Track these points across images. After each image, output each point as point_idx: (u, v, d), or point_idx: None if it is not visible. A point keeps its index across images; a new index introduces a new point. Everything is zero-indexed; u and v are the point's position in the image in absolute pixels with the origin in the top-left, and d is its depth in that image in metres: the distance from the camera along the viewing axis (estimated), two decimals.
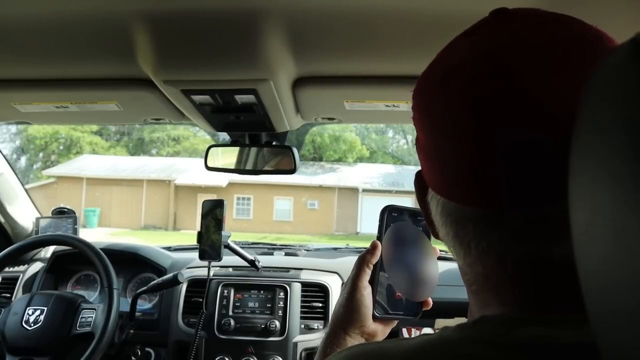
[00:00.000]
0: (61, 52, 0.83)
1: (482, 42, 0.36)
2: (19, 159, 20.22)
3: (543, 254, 0.33)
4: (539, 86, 0.32)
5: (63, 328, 1.31)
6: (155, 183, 17.37)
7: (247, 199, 17.44)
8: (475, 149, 0.34)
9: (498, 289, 0.36)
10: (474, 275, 0.38)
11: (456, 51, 0.38)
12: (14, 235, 1.73)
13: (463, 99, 0.34)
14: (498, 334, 0.33)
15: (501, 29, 0.36)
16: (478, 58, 0.35)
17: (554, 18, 0.36)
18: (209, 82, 0.88)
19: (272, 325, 1.39)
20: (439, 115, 0.37)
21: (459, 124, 0.35)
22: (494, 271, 0.36)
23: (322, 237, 15.33)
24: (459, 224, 0.37)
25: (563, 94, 0.31)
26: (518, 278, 0.35)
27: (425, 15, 0.67)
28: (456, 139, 0.35)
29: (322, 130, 20.43)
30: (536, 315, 0.34)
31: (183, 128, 20.77)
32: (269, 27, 0.71)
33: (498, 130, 0.33)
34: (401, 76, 0.89)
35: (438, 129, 0.37)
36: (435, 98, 0.37)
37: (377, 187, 17.58)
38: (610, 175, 0.23)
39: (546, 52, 0.33)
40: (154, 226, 16.98)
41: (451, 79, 0.36)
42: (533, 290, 0.35)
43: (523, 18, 0.36)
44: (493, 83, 0.33)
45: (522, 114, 0.32)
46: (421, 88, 0.40)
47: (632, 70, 0.22)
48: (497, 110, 0.33)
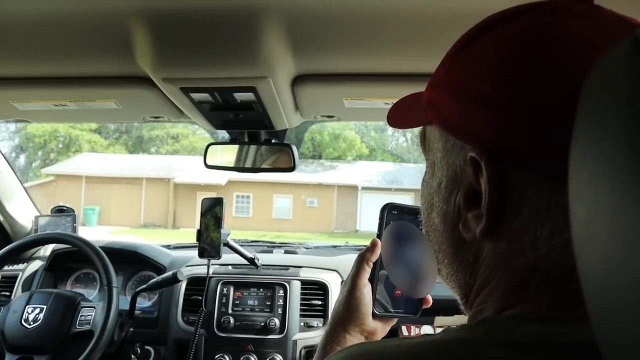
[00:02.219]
0: (60, 50, 0.83)
1: (531, 23, 0.35)
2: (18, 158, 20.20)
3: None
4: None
5: (62, 326, 1.31)
6: (155, 181, 17.37)
7: (247, 196, 17.44)
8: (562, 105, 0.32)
9: (517, 282, 0.35)
10: (498, 261, 0.37)
11: (505, 30, 0.36)
12: (13, 234, 1.73)
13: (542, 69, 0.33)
14: (503, 333, 0.33)
15: (540, 20, 0.35)
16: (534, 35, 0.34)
17: (593, 10, 0.35)
18: (207, 80, 0.87)
19: (272, 323, 1.39)
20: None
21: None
22: (524, 261, 0.35)
23: (322, 234, 15.34)
24: (519, 195, 0.35)
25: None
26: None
27: (424, 13, 0.67)
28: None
29: (321, 128, 20.44)
30: (542, 313, 0.33)
31: (182, 126, 20.77)
32: (268, 25, 0.71)
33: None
34: (400, 74, 0.89)
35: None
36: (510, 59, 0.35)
37: (377, 185, 17.59)
38: (611, 172, 0.23)
39: (591, 40, 0.33)
40: (154, 224, 16.98)
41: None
42: (547, 284, 0.34)
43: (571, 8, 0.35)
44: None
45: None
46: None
47: (634, 67, 0.22)
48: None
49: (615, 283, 0.23)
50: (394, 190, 16.55)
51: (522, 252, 0.34)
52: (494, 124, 0.34)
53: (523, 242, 0.34)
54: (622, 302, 0.22)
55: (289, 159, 1.26)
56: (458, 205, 0.38)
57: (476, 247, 0.38)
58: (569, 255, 0.27)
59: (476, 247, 0.38)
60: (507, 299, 0.36)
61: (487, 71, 0.35)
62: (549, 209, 0.33)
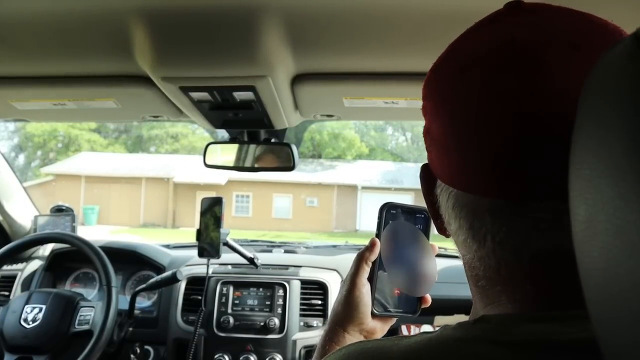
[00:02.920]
0: (59, 50, 0.83)
1: (506, 31, 0.35)
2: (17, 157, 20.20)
3: (563, 247, 0.33)
4: (564, 77, 0.32)
5: (62, 326, 1.30)
6: (154, 181, 17.37)
7: (246, 196, 17.44)
8: (500, 140, 0.33)
9: (508, 283, 0.36)
10: (484, 269, 0.38)
11: (476, 40, 0.37)
12: (12, 233, 1.73)
13: (488, 89, 0.34)
14: (500, 331, 0.33)
15: (523, 19, 0.36)
16: (503, 47, 0.34)
17: (570, 11, 0.36)
18: (207, 79, 0.87)
19: (271, 323, 1.39)
20: (459, 105, 0.36)
21: (482, 114, 0.34)
22: (507, 264, 0.36)
23: (322, 234, 15.34)
24: (476, 215, 0.36)
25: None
26: (532, 271, 0.35)
27: (424, 12, 0.67)
28: (479, 129, 0.35)
29: (321, 128, 20.44)
30: (539, 312, 0.34)
31: (182, 125, 20.77)
32: (268, 24, 0.71)
33: (523, 121, 0.33)
34: (400, 73, 0.89)
35: (457, 119, 0.36)
36: (456, 88, 0.37)
37: (377, 184, 17.59)
38: (612, 170, 0.22)
39: (571, 42, 0.33)
40: (153, 224, 16.98)
41: (473, 68, 0.35)
42: (547, 284, 0.34)
43: (541, 10, 0.36)
44: (519, 73, 0.33)
45: (547, 105, 0.32)
46: (437, 77, 0.39)
47: (635, 65, 0.22)
48: (523, 101, 0.33)
49: (615, 281, 0.23)
50: (394, 190, 16.55)
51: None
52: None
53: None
54: (622, 300, 0.22)
55: (288, 158, 1.26)
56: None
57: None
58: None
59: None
60: (497, 296, 0.37)
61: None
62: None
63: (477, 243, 0.37)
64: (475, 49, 0.36)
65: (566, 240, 0.32)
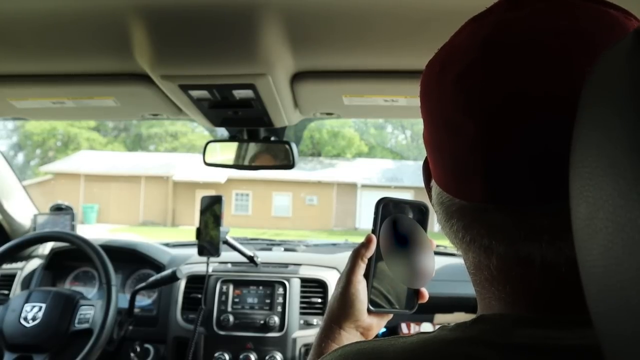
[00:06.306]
0: (57, 48, 0.83)
1: (481, 30, 0.34)
2: (16, 156, 20.19)
3: (520, 253, 0.33)
4: (528, 80, 0.31)
5: (61, 325, 1.30)
6: (154, 179, 17.37)
7: (246, 194, 17.45)
8: (461, 142, 0.33)
9: (491, 283, 0.36)
10: (469, 265, 0.38)
11: (457, 39, 0.37)
12: (11, 232, 1.73)
13: (454, 90, 0.34)
14: (496, 334, 0.33)
15: (503, 17, 0.34)
16: (472, 47, 0.34)
17: (565, 4, 0.34)
18: (206, 77, 0.87)
19: (271, 321, 1.39)
20: (433, 106, 0.37)
21: (449, 115, 0.34)
22: (482, 265, 0.36)
23: (321, 232, 15.36)
24: (448, 214, 0.37)
25: (551, 90, 0.30)
26: (505, 274, 0.35)
27: (423, 10, 0.67)
28: (446, 130, 0.35)
29: (320, 126, 20.45)
30: (533, 315, 0.33)
31: (181, 124, 20.76)
32: (267, 22, 0.71)
33: (483, 124, 0.32)
34: (400, 71, 0.89)
35: (432, 119, 0.37)
36: (432, 88, 0.37)
37: (376, 182, 17.61)
38: (612, 168, 0.22)
39: (542, 44, 0.32)
40: (153, 222, 16.99)
41: (447, 68, 0.35)
42: (523, 288, 0.34)
43: (532, 4, 0.34)
44: (483, 75, 0.32)
45: (509, 110, 0.31)
46: (424, 77, 0.39)
47: (635, 63, 0.22)
48: (484, 104, 0.32)
49: (615, 280, 0.22)
50: (394, 188, 16.57)
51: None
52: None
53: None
54: (623, 299, 0.22)
55: (288, 156, 1.25)
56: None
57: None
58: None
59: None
60: (487, 296, 0.37)
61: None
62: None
63: (457, 242, 0.38)
64: (452, 49, 0.36)
65: (524, 247, 0.32)
